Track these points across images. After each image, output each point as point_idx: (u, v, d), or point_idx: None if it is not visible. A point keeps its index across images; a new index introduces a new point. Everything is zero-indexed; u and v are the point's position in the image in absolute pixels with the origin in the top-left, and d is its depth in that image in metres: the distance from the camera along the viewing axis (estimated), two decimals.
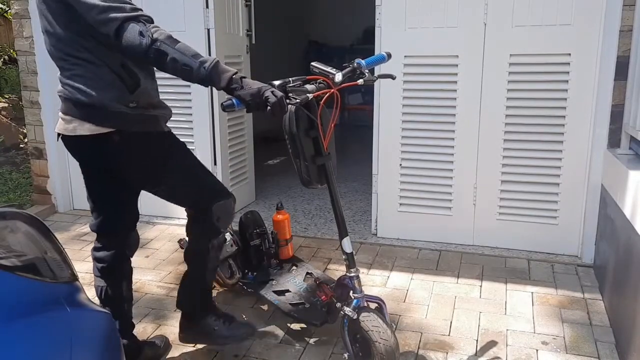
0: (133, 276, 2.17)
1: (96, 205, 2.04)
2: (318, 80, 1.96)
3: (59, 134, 1.90)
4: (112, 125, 1.80)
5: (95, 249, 2.09)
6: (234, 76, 1.66)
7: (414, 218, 3.34)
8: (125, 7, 1.64)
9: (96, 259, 2.08)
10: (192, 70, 1.64)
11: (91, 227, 2.08)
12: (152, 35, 1.61)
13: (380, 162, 3.34)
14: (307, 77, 1.95)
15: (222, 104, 1.73)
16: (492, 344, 2.29)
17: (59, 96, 1.86)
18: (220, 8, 3.53)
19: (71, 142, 1.88)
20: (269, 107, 1.65)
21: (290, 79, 1.86)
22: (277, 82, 1.79)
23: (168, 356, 2.24)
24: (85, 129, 1.80)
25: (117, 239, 2.06)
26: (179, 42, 1.66)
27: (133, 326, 2.18)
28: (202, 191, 2.05)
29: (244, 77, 1.69)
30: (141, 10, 1.68)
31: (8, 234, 1.32)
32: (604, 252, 2.77)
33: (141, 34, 1.60)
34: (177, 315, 2.55)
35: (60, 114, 1.87)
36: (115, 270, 2.07)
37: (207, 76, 1.64)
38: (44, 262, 1.33)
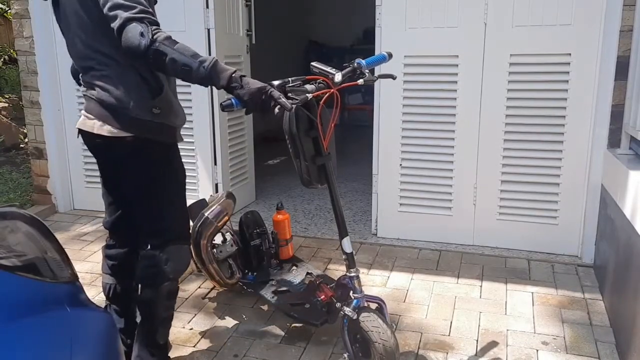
0: None
1: (111, 203, 2.04)
2: (318, 80, 1.96)
3: (79, 131, 1.91)
4: (130, 132, 1.81)
5: (107, 247, 2.10)
6: (233, 75, 1.66)
7: (414, 218, 3.34)
8: (136, 7, 1.64)
9: (107, 257, 2.08)
10: (191, 70, 1.63)
11: (105, 224, 2.09)
12: (152, 36, 1.61)
13: (380, 162, 3.34)
14: (307, 77, 1.95)
15: (221, 104, 1.73)
16: (492, 344, 2.29)
17: (84, 95, 1.88)
18: (220, 8, 3.53)
19: (90, 138, 1.88)
20: (277, 109, 1.66)
21: (289, 79, 1.86)
22: (276, 82, 1.79)
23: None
24: (104, 130, 1.81)
25: (130, 237, 2.06)
26: (178, 42, 1.65)
27: (168, 323, 2.17)
28: (167, 224, 1.96)
29: (244, 76, 1.68)
30: (151, 13, 1.68)
31: (8, 234, 1.32)
32: (604, 252, 2.77)
33: (142, 34, 1.61)
34: (178, 315, 2.55)
35: (83, 111, 1.88)
36: (126, 269, 2.07)
37: (206, 76, 1.64)
38: (44, 262, 1.33)
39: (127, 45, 1.63)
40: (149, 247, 1.96)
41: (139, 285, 1.99)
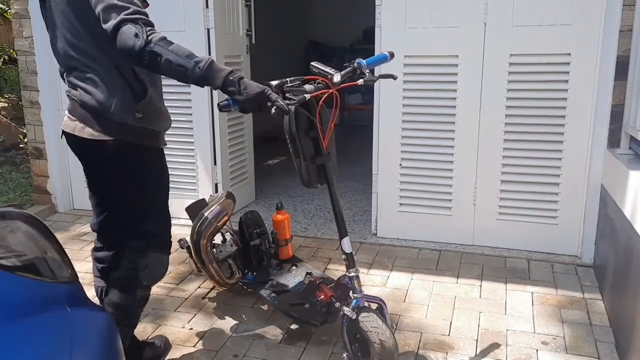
0: None
1: (97, 204, 2.04)
2: (317, 81, 1.96)
3: (62, 131, 1.90)
4: (112, 135, 1.79)
5: (95, 249, 2.09)
6: (230, 77, 1.65)
7: (414, 218, 3.34)
8: (130, 7, 1.62)
9: (96, 259, 2.07)
10: (186, 71, 1.62)
11: (92, 226, 2.08)
12: (146, 37, 1.59)
13: (380, 162, 3.34)
14: (306, 77, 1.95)
15: (218, 104, 1.73)
16: (492, 344, 2.29)
17: (67, 95, 1.86)
18: (220, 8, 3.53)
19: (72, 140, 1.87)
20: (273, 110, 1.66)
21: (287, 79, 1.85)
22: (274, 82, 1.79)
23: (168, 356, 2.23)
24: (86, 132, 1.80)
25: (117, 239, 2.05)
26: (173, 43, 1.64)
27: (134, 326, 2.18)
28: (151, 229, 1.94)
29: (242, 79, 1.67)
30: (145, 14, 1.66)
31: (8, 234, 1.32)
32: (603, 252, 2.77)
33: (136, 35, 1.59)
34: (177, 315, 2.55)
35: (66, 112, 1.87)
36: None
37: (202, 76, 1.63)
38: (44, 262, 1.33)
39: (122, 46, 1.61)
40: (129, 250, 1.94)
41: (111, 288, 1.97)
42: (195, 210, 2.59)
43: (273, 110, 1.67)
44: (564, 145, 2.98)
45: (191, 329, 2.45)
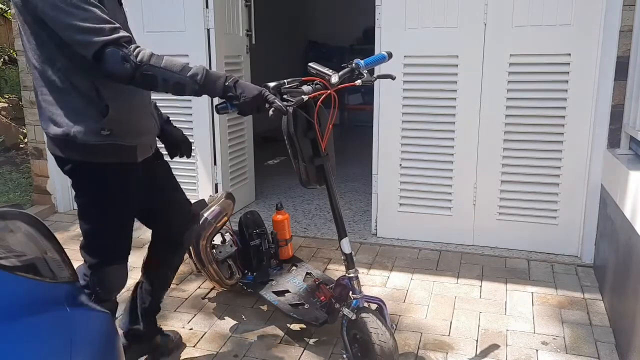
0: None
1: None
2: (315, 82, 1.95)
3: None
4: (77, 157, 1.71)
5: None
6: (227, 83, 1.64)
7: (414, 218, 3.34)
8: (105, 28, 1.53)
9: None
10: (185, 87, 1.61)
11: None
12: (135, 59, 1.54)
13: (380, 162, 3.34)
14: (303, 78, 1.95)
15: (216, 106, 1.73)
16: (492, 344, 2.29)
17: None
18: (220, 8, 3.53)
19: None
20: (271, 111, 1.65)
21: (285, 80, 1.85)
22: (272, 84, 1.79)
23: (167, 356, 2.23)
24: (57, 151, 1.74)
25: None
26: (163, 57, 1.59)
27: (159, 310, 2.21)
28: (105, 246, 1.86)
29: (237, 81, 1.66)
30: (120, 29, 1.58)
31: (8, 234, 1.32)
32: (604, 252, 2.77)
33: (124, 59, 1.53)
34: (177, 315, 2.55)
35: None
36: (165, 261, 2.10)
37: (201, 88, 1.62)
38: (44, 262, 1.33)
39: (110, 73, 1.55)
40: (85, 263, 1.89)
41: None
42: (194, 211, 2.59)
43: (271, 112, 1.66)
44: (563, 145, 2.99)
45: (191, 329, 2.45)
